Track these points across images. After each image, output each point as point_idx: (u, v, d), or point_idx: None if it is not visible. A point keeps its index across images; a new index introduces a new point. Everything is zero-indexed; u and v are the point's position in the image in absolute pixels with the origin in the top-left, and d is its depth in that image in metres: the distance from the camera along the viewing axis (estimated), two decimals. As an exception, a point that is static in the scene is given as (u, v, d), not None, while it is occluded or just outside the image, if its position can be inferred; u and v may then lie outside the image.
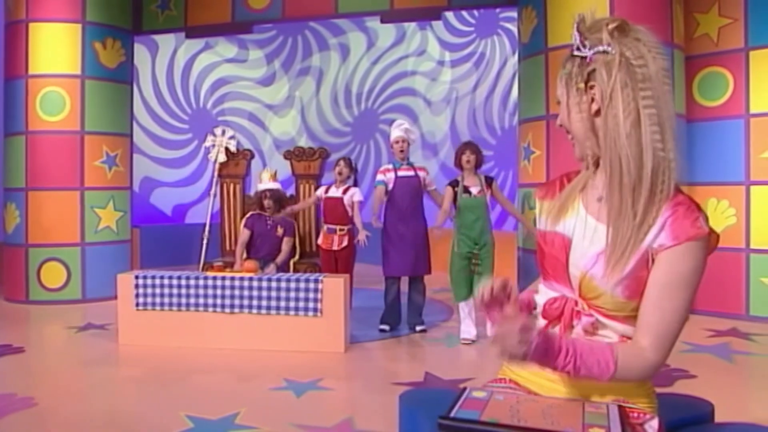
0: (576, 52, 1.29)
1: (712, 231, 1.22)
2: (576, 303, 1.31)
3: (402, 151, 5.31)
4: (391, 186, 5.28)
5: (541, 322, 1.38)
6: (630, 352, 1.24)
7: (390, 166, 5.37)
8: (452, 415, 1.20)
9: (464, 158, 5.01)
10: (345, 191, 5.68)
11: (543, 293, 1.41)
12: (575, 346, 1.23)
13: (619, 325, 1.29)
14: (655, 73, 1.22)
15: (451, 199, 5.01)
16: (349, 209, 5.67)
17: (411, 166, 5.37)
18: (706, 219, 1.23)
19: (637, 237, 1.23)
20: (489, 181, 5.08)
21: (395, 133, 5.35)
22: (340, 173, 5.65)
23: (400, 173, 5.29)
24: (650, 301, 1.22)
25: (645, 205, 1.22)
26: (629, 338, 1.28)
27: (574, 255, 1.31)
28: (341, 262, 5.61)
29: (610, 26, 1.25)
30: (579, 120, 1.30)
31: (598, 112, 1.26)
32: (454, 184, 5.06)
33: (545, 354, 1.20)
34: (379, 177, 5.34)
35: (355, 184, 5.80)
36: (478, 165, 5.05)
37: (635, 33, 1.25)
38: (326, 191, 5.77)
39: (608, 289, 1.25)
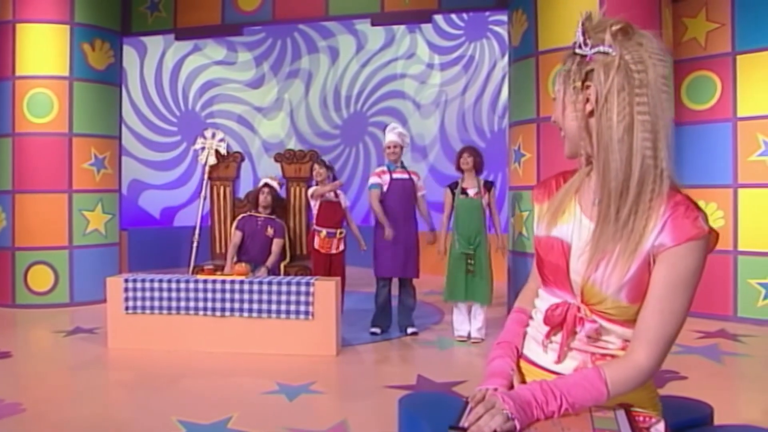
0: (577, 50, 1.27)
1: (711, 230, 1.21)
2: (578, 309, 1.29)
3: (396, 154, 5.33)
4: (385, 188, 5.29)
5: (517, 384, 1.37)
6: (621, 368, 1.23)
7: (385, 168, 5.38)
8: (461, 424, 1.18)
9: (462, 160, 5.13)
10: (336, 195, 5.75)
11: (544, 299, 1.39)
12: (559, 387, 1.22)
13: (622, 329, 1.28)
14: (653, 79, 1.19)
15: (450, 202, 5.12)
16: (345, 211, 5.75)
17: (405, 169, 5.41)
18: (706, 218, 1.21)
19: (620, 241, 1.21)
20: (488, 186, 5.15)
21: (389, 137, 5.35)
22: (318, 175, 5.71)
23: (395, 176, 5.32)
24: (650, 304, 1.21)
25: (629, 211, 1.20)
26: None
27: (574, 261, 1.29)
28: (336, 265, 5.60)
29: (614, 28, 1.22)
30: (573, 119, 1.28)
31: (592, 113, 1.24)
32: (452, 186, 5.15)
33: (528, 409, 1.19)
34: (374, 180, 5.33)
35: (335, 179, 5.92)
36: (477, 168, 5.13)
37: (639, 38, 1.22)
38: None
39: (611, 294, 1.24)
